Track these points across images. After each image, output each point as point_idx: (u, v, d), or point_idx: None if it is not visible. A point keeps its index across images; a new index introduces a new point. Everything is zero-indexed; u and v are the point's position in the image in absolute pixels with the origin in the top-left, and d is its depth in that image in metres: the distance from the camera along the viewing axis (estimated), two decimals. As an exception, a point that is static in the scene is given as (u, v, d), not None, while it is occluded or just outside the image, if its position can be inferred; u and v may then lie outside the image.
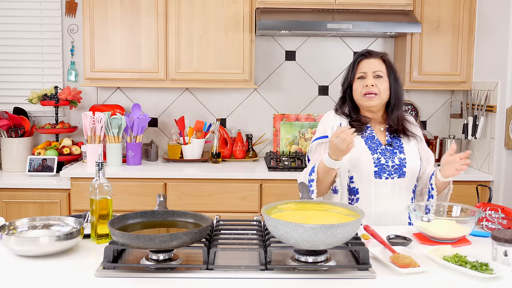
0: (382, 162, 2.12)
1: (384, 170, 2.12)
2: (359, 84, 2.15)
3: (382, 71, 2.14)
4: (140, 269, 1.51)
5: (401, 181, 2.13)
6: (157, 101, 3.81)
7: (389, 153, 2.14)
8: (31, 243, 1.61)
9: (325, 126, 2.22)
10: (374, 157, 2.12)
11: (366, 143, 2.15)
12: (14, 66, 3.74)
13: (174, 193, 3.21)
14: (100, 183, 1.77)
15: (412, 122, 2.27)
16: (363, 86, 2.13)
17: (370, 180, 2.12)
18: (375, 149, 2.14)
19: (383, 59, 2.17)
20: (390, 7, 3.38)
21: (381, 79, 2.13)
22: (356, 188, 2.14)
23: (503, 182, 3.20)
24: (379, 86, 2.12)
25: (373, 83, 2.11)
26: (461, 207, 1.97)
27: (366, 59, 2.16)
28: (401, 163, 2.13)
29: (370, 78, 2.12)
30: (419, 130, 2.27)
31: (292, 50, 3.81)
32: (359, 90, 2.14)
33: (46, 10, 3.71)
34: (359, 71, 2.15)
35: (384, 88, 2.13)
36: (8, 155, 3.49)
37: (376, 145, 2.15)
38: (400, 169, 2.13)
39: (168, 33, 3.42)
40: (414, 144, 2.20)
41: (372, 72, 2.13)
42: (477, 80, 3.47)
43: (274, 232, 1.51)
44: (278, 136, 3.82)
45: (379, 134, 2.19)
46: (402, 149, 2.16)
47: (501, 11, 3.20)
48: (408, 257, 1.55)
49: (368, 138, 2.16)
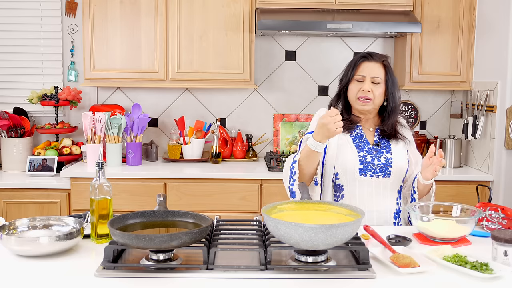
0: (368, 160, 2.13)
1: (370, 168, 2.12)
2: (356, 86, 2.14)
3: (380, 77, 2.13)
4: (140, 269, 1.51)
5: (386, 180, 2.13)
6: (157, 101, 3.81)
7: (375, 152, 2.15)
8: (31, 243, 1.61)
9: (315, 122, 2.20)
10: (360, 154, 2.13)
11: (353, 141, 2.16)
12: (14, 66, 3.74)
13: (174, 193, 3.21)
14: (100, 183, 1.77)
15: (403, 125, 2.27)
16: (359, 89, 2.12)
17: (355, 177, 2.12)
18: (362, 148, 2.15)
19: (384, 64, 2.16)
20: (390, 7, 3.38)
21: (378, 85, 2.13)
22: (341, 185, 2.15)
23: (503, 182, 3.20)
24: (374, 91, 2.11)
25: (369, 88, 2.11)
26: (461, 207, 1.97)
27: (367, 61, 2.15)
28: (387, 163, 2.14)
29: (368, 83, 2.12)
30: (409, 133, 2.27)
31: (292, 50, 3.81)
32: (355, 92, 2.14)
33: (46, 10, 3.71)
34: (358, 73, 2.14)
35: (379, 94, 2.12)
36: (8, 155, 3.49)
37: (363, 144, 2.16)
38: (385, 168, 2.13)
39: (168, 33, 3.42)
40: (402, 146, 2.21)
41: (370, 77, 2.12)
42: (477, 80, 3.47)
43: (274, 232, 1.52)
44: (278, 136, 3.82)
45: (367, 134, 2.20)
46: (389, 150, 2.17)
47: (501, 11, 3.20)
48: (408, 257, 1.55)
49: (356, 137, 2.17)
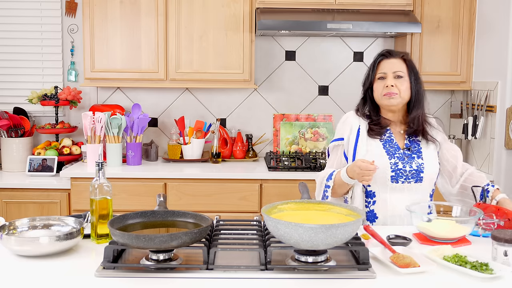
0: (400, 167, 2.10)
1: (401, 175, 2.10)
2: (380, 84, 2.13)
3: (403, 71, 2.12)
4: (140, 269, 1.51)
5: (418, 186, 2.12)
6: (157, 101, 3.81)
7: (407, 157, 2.12)
8: (31, 243, 1.61)
9: (344, 127, 2.21)
10: (392, 161, 2.10)
11: (384, 147, 2.13)
12: (14, 66, 3.74)
13: (174, 193, 3.21)
14: (100, 183, 1.77)
15: (433, 125, 2.23)
16: (383, 87, 2.11)
17: (386, 184, 2.11)
18: (393, 154, 2.12)
19: (403, 58, 2.15)
20: (390, 7, 3.38)
21: (401, 79, 2.11)
22: (373, 192, 2.13)
23: (503, 182, 3.20)
24: (399, 86, 2.10)
25: (393, 83, 2.10)
26: (461, 207, 1.97)
27: (386, 59, 2.15)
28: (419, 169, 2.12)
29: (390, 79, 2.11)
30: (440, 134, 2.23)
31: (292, 50, 3.81)
32: (380, 90, 2.13)
33: (46, 10, 3.70)
34: (379, 72, 2.14)
35: (404, 88, 2.11)
36: (8, 155, 3.49)
37: (394, 149, 2.13)
38: (417, 174, 2.11)
39: (168, 33, 3.42)
40: (433, 149, 2.18)
41: (392, 72, 2.11)
42: (477, 80, 3.47)
43: (274, 232, 1.51)
44: (278, 136, 3.82)
45: (398, 137, 2.18)
46: (420, 154, 2.14)
47: (501, 11, 3.20)
48: (408, 257, 1.55)
49: (387, 141, 2.15)
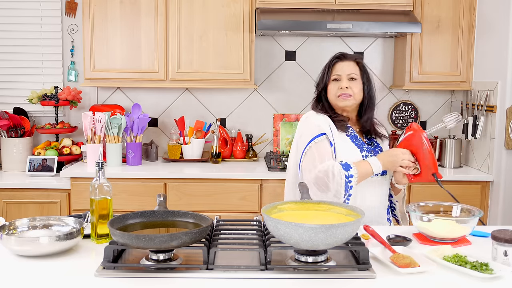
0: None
1: None
2: (334, 86, 2.20)
3: (356, 73, 2.19)
4: (140, 269, 1.51)
5: (383, 178, 2.20)
6: (157, 101, 3.81)
7: (373, 151, 2.20)
8: (31, 243, 1.61)
9: (318, 123, 2.15)
10: (363, 154, 2.16)
11: (352, 141, 2.18)
12: (14, 66, 3.74)
13: (174, 193, 3.21)
14: (100, 183, 1.77)
15: (377, 123, 2.33)
16: (338, 88, 2.18)
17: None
18: (362, 148, 2.18)
19: (357, 61, 2.22)
20: (390, 7, 3.38)
21: (355, 81, 2.19)
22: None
23: (503, 182, 3.20)
24: (353, 88, 2.17)
25: (347, 85, 2.17)
26: (461, 207, 1.97)
27: (340, 61, 2.22)
28: None
29: (345, 81, 2.18)
30: (384, 130, 2.34)
31: (292, 50, 3.81)
32: (334, 91, 2.19)
33: (46, 10, 3.71)
34: (334, 73, 2.20)
35: (358, 90, 2.18)
36: (8, 155, 3.49)
37: (360, 143, 2.19)
38: None
39: (168, 33, 3.42)
40: (387, 144, 2.30)
41: (346, 74, 2.18)
42: (477, 80, 3.47)
43: (274, 232, 1.51)
44: (278, 136, 3.82)
45: (359, 134, 2.25)
46: (380, 148, 2.25)
47: (501, 11, 3.20)
48: (408, 257, 1.55)
49: (353, 136, 2.20)
